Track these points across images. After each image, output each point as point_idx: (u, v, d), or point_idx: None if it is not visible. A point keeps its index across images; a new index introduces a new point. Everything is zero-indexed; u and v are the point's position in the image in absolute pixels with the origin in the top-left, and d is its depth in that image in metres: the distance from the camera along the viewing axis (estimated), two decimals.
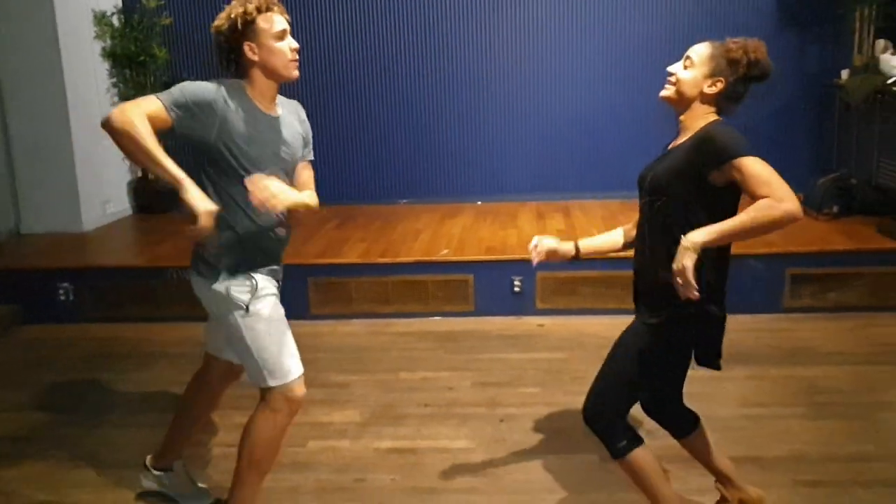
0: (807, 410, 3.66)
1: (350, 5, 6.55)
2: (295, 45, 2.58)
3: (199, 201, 2.32)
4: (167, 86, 7.12)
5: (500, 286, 5.04)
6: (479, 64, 6.52)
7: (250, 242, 2.63)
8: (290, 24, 2.59)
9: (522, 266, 5.01)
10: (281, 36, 2.54)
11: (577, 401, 3.74)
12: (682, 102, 2.44)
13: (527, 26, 6.48)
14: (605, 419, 2.54)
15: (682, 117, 2.47)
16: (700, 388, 3.84)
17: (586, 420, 2.58)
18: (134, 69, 6.45)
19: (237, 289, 2.61)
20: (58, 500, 3.19)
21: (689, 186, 2.33)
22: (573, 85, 6.44)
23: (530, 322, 4.96)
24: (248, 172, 2.51)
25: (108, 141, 2.43)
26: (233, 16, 2.50)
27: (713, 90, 2.40)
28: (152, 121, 2.38)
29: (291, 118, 2.77)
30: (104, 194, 6.40)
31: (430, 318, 5.04)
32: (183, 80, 2.57)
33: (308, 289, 5.06)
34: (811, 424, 3.52)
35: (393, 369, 4.32)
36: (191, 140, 2.50)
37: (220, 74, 2.60)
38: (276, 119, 2.67)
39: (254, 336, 2.61)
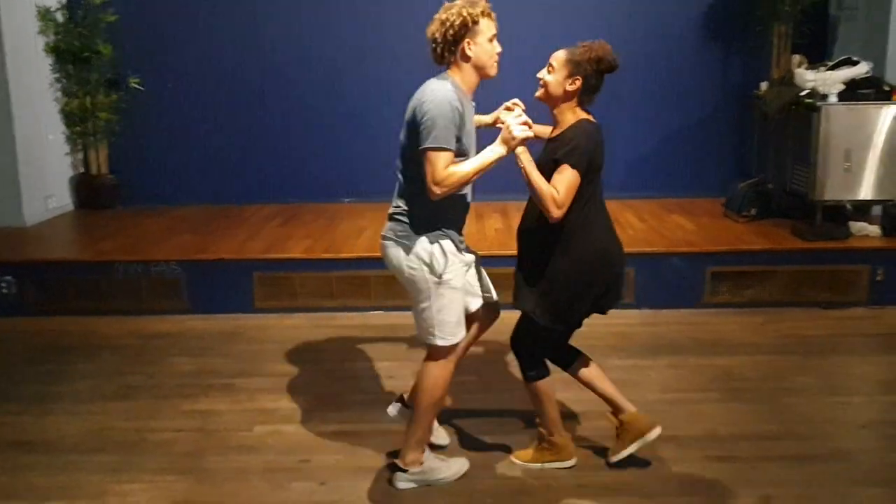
0: (720, 395, 3.97)
1: (301, 4, 6.69)
2: (499, 48, 3.01)
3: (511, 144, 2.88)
4: (111, 83, 7.11)
5: None
6: (418, 65, 6.70)
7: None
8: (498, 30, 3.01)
9: None
10: (492, 39, 2.97)
11: (511, 386, 4.02)
12: (550, 101, 3.05)
13: None
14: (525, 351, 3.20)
15: (553, 112, 3.07)
16: (626, 375, 4.16)
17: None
18: (78, 65, 6.47)
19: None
20: (9, 482, 3.28)
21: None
22: (509, 88, 6.68)
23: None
24: (466, 156, 2.95)
25: (51, 135, 2.57)
26: (464, 14, 2.89)
27: (573, 87, 2.98)
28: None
29: None
30: (46, 189, 6.40)
31: (373, 312, 5.22)
32: (128, 77, 2.73)
33: (253, 283, 5.19)
34: (724, 407, 3.83)
35: (337, 360, 4.50)
36: None
37: (431, 64, 3.04)
38: (473, 106, 3.10)
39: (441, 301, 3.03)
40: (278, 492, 3.20)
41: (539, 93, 3.06)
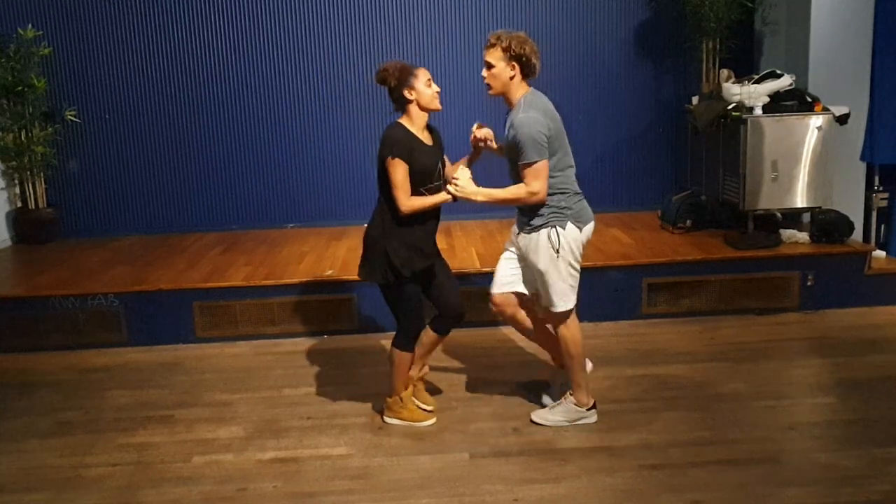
0: (655, 404, 4.05)
1: (236, 33, 6.70)
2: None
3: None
4: (46, 116, 7.05)
5: (382, 304, 5.21)
6: (364, 90, 6.76)
7: None
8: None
9: None
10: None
11: (453, 404, 4.06)
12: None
13: (408, 54, 6.78)
14: None
15: None
16: None
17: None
18: (11, 99, 6.39)
19: None
20: None
21: None
22: (454, 112, 6.76)
23: None
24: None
25: None
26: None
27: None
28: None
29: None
30: None
31: (316, 337, 5.22)
32: (63, 109, 2.74)
33: (193, 313, 5.15)
34: (657, 416, 3.91)
35: (277, 386, 4.48)
36: None
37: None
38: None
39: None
40: None
41: None
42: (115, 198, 6.86)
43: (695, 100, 6.50)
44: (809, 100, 5.65)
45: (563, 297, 3.68)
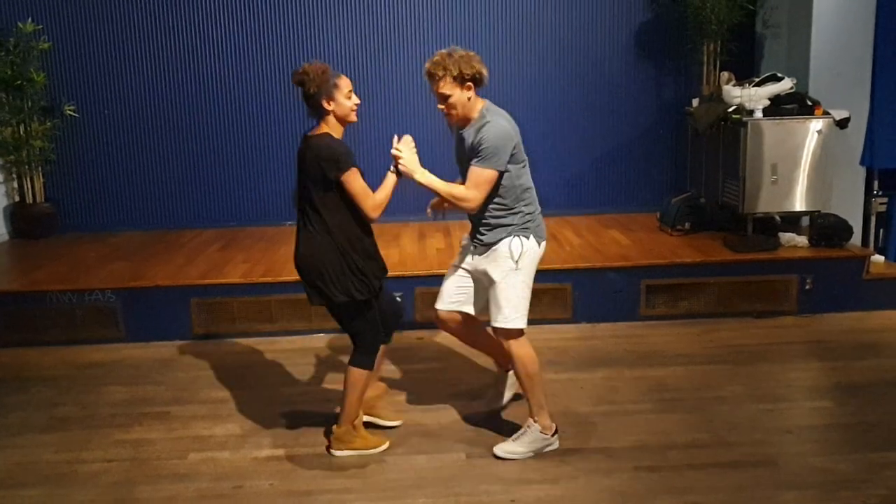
0: (653, 406, 4.04)
1: (235, 29, 6.69)
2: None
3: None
4: (45, 110, 7.01)
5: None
6: (362, 92, 6.74)
7: None
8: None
9: (403, 282, 5.25)
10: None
11: (449, 405, 4.05)
12: None
13: (403, 47, 6.76)
14: None
15: None
16: (561, 388, 4.21)
17: None
18: (10, 93, 6.37)
19: None
20: None
21: None
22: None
23: (410, 335, 5.19)
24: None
25: None
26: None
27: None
28: None
29: None
30: None
31: (313, 335, 5.21)
32: (63, 104, 2.72)
33: (190, 309, 5.14)
34: (655, 418, 3.91)
35: (274, 384, 4.47)
36: None
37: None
38: None
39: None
40: None
41: None
42: (113, 193, 6.85)
43: (695, 102, 6.50)
44: (810, 103, 5.65)
45: (518, 310, 3.48)
